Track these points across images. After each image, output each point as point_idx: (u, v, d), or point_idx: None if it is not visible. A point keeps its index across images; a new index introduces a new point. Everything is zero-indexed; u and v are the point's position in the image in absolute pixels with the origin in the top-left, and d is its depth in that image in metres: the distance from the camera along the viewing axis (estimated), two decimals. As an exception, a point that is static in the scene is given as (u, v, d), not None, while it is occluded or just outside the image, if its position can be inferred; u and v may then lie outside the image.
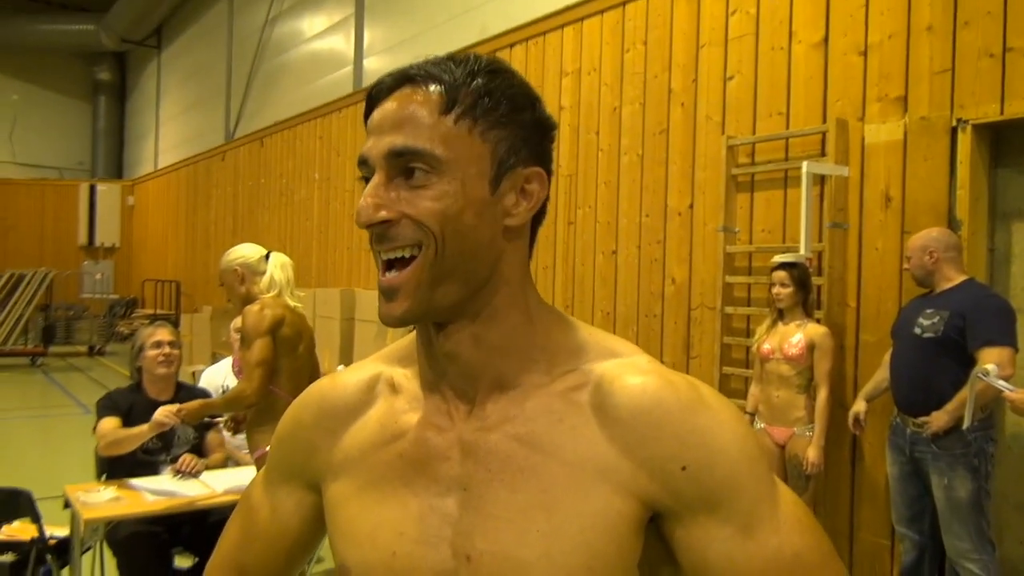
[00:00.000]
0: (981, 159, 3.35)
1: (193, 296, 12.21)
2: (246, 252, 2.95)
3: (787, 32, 3.99)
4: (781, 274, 3.50)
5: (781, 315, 3.54)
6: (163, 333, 3.17)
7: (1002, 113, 3.21)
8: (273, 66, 10.17)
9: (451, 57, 0.74)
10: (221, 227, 11.50)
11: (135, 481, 2.96)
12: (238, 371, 3.66)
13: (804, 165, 3.62)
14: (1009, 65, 3.19)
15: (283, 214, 9.54)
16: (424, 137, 0.69)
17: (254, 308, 2.77)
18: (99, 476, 3.21)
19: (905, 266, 3.20)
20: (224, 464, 3.21)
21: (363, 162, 0.72)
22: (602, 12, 5.03)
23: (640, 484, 0.69)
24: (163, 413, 2.80)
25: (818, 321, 3.57)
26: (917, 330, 3.03)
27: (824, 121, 3.80)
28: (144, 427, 2.86)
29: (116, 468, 3.07)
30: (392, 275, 0.70)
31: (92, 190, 15.89)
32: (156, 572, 2.87)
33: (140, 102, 16.49)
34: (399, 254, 0.70)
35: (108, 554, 2.98)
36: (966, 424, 2.75)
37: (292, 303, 2.87)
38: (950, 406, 2.88)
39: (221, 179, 11.54)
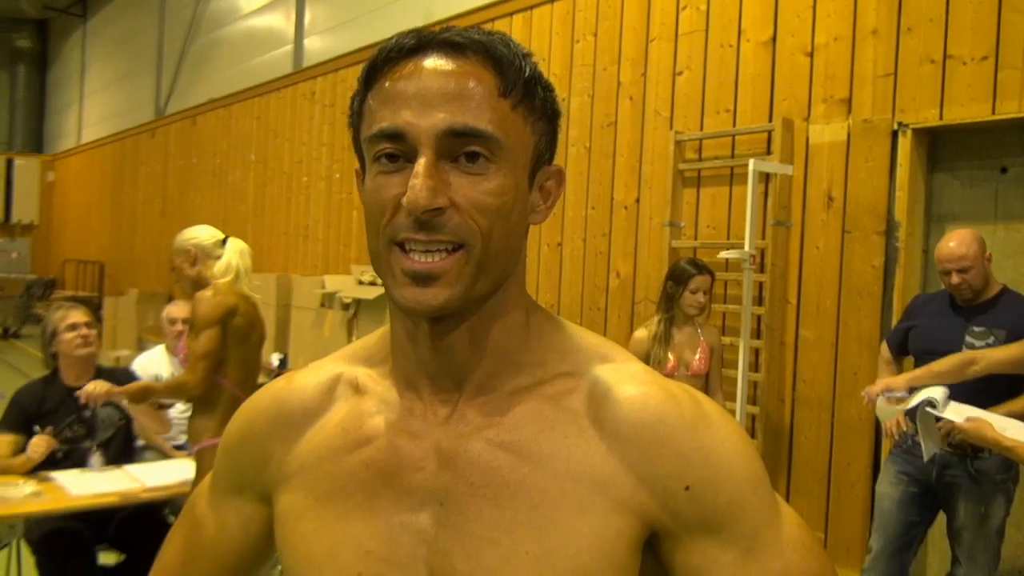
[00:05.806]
0: (920, 162, 3.44)
1: (118, 278, 11.72)
2: (201, 234, 2.84)
3: (736, 30, 4.02)
4: (706, 280, 3.25)
5: (671, 322, 3.26)
6: (76, 315, 3.00)
7: (941, 118, 3.29)
8: (208, 41, 9.79)
9: (480, 29, 0.65)
10: (149, 207, 11.05)
11: (57, 474, 2.79)
12: (183, 359, 3.52)
13: (751, 163, 3.65)
14: (949, 71, 3.27)
15: (216, 195, 9.22)
16: (486, 119, 0.62)
17: (207, 294, 2.65)
18: (16, 469, 3.02)
19: (955, 280, 2.70)
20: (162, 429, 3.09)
21: (394, 136, 0.62)
22: (552, 1, 4.98)
23: (640, 501, 0.64)
24: (92, 386, 2.64)
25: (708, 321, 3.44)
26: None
27: (771, 120, 3.85)
28: (22, 457, 2.81)
29: (36, 460, 2.88)
30: (430, 259, 0.62)
31: (9, 164, 15.10)
32: (78, 572, 2.72)
33: (63, 73, 15.70)
34: (442, 247, 0.62)
35: (26, 552, 2.81)
36: (926, 457, 2.57)
37: (247, 292, 2.77)
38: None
39: (150, 157, 11.08)
